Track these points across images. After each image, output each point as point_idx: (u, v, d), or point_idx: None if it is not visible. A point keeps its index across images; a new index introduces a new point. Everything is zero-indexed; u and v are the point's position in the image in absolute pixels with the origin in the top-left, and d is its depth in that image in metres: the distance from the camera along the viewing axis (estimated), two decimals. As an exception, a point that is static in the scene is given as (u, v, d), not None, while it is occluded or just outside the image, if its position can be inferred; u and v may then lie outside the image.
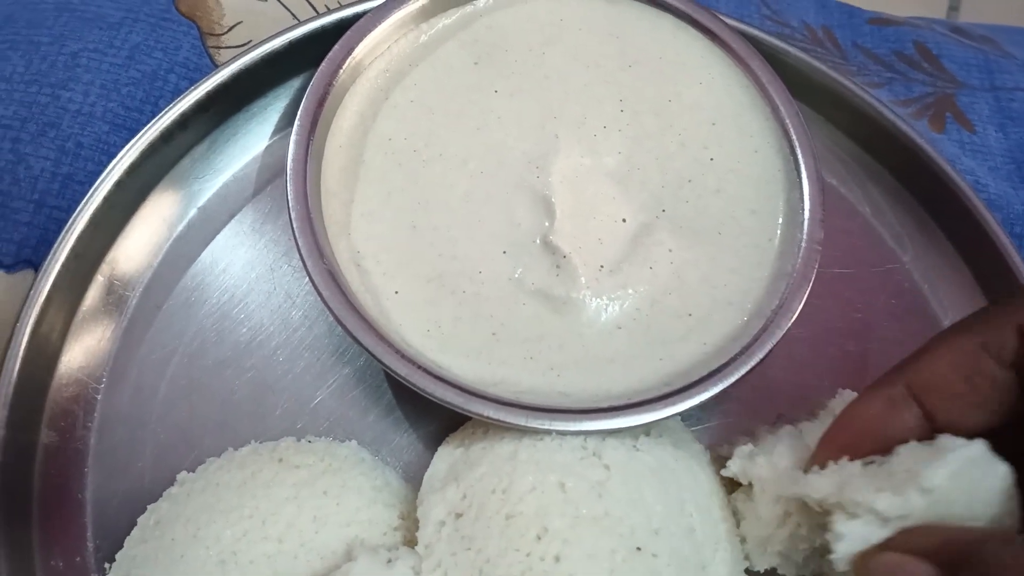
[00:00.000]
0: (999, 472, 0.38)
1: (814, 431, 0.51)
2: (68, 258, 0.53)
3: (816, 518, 0.46)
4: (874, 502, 0.38)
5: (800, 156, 0.55)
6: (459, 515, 0.46)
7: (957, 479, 0.37)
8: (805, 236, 0.53)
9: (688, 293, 0.53)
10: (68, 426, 0.52)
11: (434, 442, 0.53)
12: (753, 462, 0.49)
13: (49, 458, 0.52)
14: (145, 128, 0.55)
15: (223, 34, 0.63)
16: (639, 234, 0.53)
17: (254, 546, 0.46)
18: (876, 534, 0.38)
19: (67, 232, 0.53)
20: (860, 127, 0.63)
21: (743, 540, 0.49)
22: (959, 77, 0.70)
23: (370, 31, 0.56)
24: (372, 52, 0.57)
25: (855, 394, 0.53)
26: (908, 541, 0.37)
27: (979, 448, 0.38)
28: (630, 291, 0.52)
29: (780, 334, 0.50)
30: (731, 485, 0.52)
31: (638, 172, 0.55)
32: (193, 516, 0.47)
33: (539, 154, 0.55)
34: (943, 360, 0.40)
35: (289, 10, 0.65)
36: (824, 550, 0.49)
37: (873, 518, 0.38)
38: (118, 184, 0.55)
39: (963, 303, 0.60)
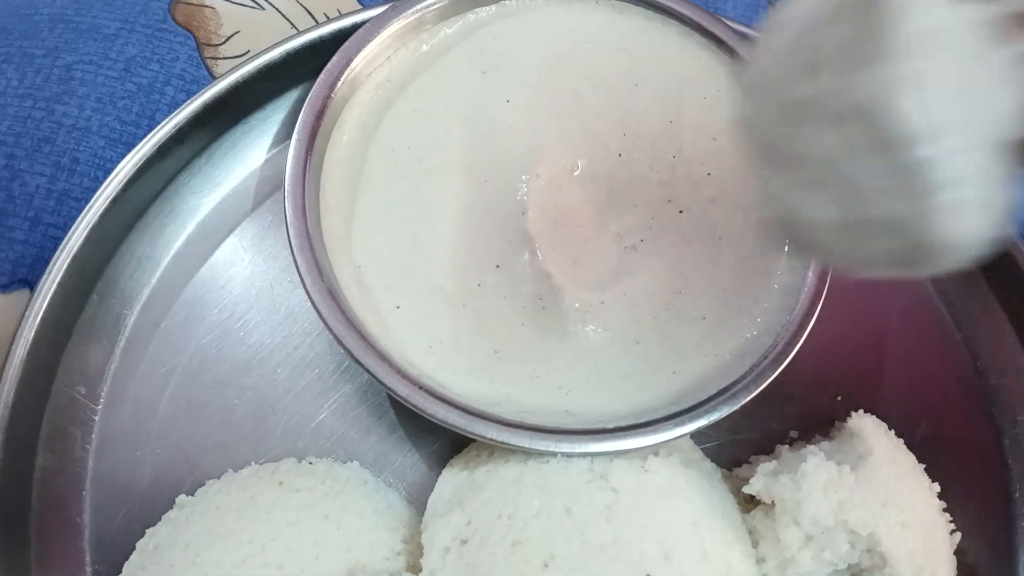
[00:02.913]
0: None
1: (834, 452, 0.51)
2: (64, 276, 0.52)
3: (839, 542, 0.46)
4: None
5: (811, 166, 0.54)
6: (464, 541, 0.45)
7: None
8: (817, 249, 0.52)
9: (697, 293, 0.52)
10: (66, 448, 0.52)
11: (438, 462, 0.52)
12: (777, 480, 0.47)
13: (47, 481, 0.51)
14: (141, 143, 0.54)
15: (221, 44, 0.62)
16: (632, 246, 0.53)
17: (254, 572, 0.44)
18: None
19: (63, 250, 0.52)
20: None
21: (761, 560, 0.48)
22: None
23: (369, 41, 0.55)
24: (371, 63, 0.55)
25: (871, 416, 0.52)
26: None
27: None
28: (641, 300, 0.51)
29: (791, 352, 0.49)
30: (747, 503, 0.51)
31: (628, 192, 0.54)
32: (192, 541, 0.46)
33: (531, 169, 0.54)
34: None
35: (288, 19, 0.63)
36: (850, 573, 0.49)
37: None
38: (115, 200, 0.53)
39: (978, 313, 0.58)
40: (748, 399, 0.48)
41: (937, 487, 0.52)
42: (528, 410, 0.49)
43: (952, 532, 0.51)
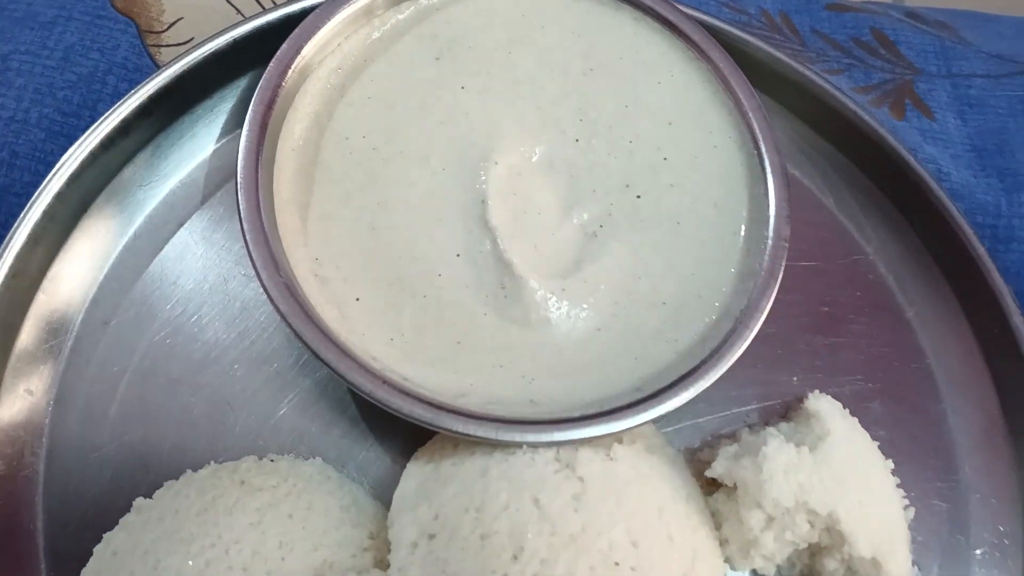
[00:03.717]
0: None
1: (792, 433, 0.51)
2: (7, 277, 0.50)
3: (800, 523, 0.47)
4: None
5: (764, 151, 0.55)
6: (432, 536, 0.44)
7: None
8: (771, 233, 0.53)
9: (657, 278, 0.52)
10: (15, 454, 0.50)
11: (402, 455, 0.52)
12: (738, 463, 0.48)
13: (-4, 488, 0.49)
14: (84, 135, 0.52)
15: (163, 31, 0.60)
16: (592, 233, 0.53)
17: (219, 577, 0.44)
18: None
19: (5, 248, 0.50)
20: (822, 117, 0.63)
21: (724, 542, 0.49)
22: (916, 63, 0.70)
23: (319, 28, 0.54)
24: (322, 50, 0.54)
25: (827, 396, 0.53)
26: None
27: None
28: (601, 286, 0.51)
29: (750, 336, 0.50)
30: (709, 486, 0.51)
31: (587, 178, 0.54)
32: (152, 547, 0.45)
33: (489, 157, 0.53)
34: None
35: (232, 3, 0.62)
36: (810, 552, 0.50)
37: None
38: (58, 196, 0.52)
39: (928, 294, 0.60)
40: (709, 384, 0.48)
41: (891, 464, 0.53)
42: (493, 401, 0.48)
43: (906, 508, 0.53)
